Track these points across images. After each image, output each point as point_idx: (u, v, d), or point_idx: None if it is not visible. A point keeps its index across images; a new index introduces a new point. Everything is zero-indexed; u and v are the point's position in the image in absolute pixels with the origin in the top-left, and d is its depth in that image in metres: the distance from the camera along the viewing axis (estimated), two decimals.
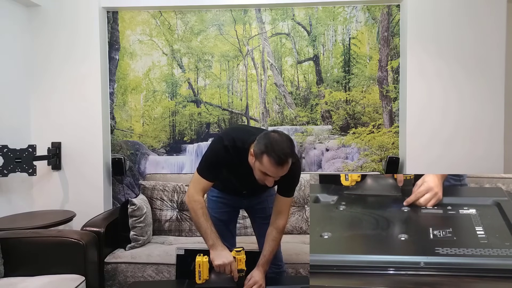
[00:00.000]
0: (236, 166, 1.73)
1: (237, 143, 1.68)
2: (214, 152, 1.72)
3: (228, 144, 1.68)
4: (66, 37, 3.03)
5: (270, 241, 1.79)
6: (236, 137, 1.70)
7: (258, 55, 3.18)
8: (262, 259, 1.78)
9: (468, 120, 2.99)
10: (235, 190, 1.96)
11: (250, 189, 1.92)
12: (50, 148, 3.01)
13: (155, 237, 2.75)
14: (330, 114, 3.19)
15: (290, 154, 1.54)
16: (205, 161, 1.74)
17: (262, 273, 1.74)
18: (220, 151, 1.69)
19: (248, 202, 2.04)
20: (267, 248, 1.79)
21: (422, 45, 2.97)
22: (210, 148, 1.75)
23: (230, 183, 1.92)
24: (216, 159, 1.72)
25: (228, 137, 1.70)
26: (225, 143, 1.68)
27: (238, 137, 1.70)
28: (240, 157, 1.68)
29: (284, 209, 1.81)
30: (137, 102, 3.23)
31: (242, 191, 1.95)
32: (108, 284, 2.37)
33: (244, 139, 1.67)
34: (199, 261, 1.67)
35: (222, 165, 1.73)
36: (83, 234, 2.20)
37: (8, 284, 1.93)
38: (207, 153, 1.74)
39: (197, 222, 1.73)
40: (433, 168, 2.95)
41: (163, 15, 3.17)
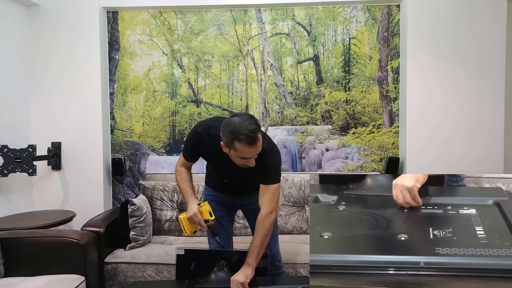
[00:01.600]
0: (212, 153, 1.79)
1: (211, 131, 1.75)
2: (189, 137, 1.86)
3: (201, 131, 1.79)
4: (66, 37, 3.03)
5: (255, 233, 1.76)
6: (211, 125, 1.77)
7: (258, 55, 3.18)
8: (248, 253, 1.73)
9: (468, 120, 2.99)
10: (222, 183, 1.98)
11: (235, 177, 1.91)
12: (50, 148, 3.01)
13: (155, 237, 2.75)
14: (330, 114, 3.19)
15: (256, 129, 1.57)
16: (185, 143, 1.94)
17: (247, 269, 1.69)
18: (194, 137, 1.82)
19: (241, 202, 2.05)
20: (253, 241, 1.75)
21: (422, 45, 2.97)
22: (188, 134, 1.90)
23: (215, 175, 1.99)
24: (190, 145, 1.86)
25: (203, 124, 1.82)
26: (199, 130, 1.80)
27: (212, 125, 1.76)
28: (215, 145, 1.72)
29: (266, 198, 1.76)
30: (137, 102, 3.23)
31: (223, 180, 1.96)
32: (108, 284, 2.37)
33: (218, 127, 1.68)
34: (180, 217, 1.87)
35: (196, 149, 1.85)
36: (83, 234, 2.20)
37: (8, 284, 1.94)
38: (187, 137, 1.95)
39: (178, 187, 1.98)
40: (433, 168, 2.95)
41: (163, 15, 3.17)
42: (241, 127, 1.55)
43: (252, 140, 1.56)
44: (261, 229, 1.74)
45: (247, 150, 1.59)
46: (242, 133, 1.55)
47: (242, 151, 1.59)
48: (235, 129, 1.56)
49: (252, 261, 1.71)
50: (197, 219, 1.80)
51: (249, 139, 1.55)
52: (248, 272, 1.70)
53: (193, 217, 1.80)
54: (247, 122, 1.57)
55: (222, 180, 1.97)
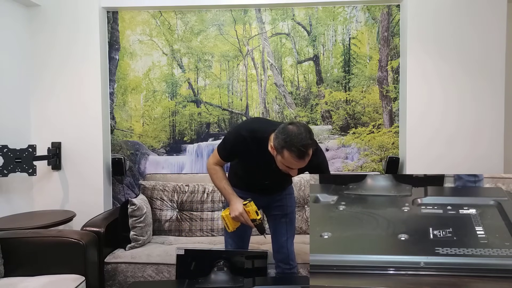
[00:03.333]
0: (255, 156, 1.77)
1: (256, 134, 1.73)
2: (231, 140, 1.81)
3: (245, 134, 1.75)
4: (66, 37, 3.03)
5: None
6: (256, 128, 1.75)
7: (258, 55, 3.18)
8: None
9: (468, 120, 2.99)
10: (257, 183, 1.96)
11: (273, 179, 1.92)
12: (50, 148, 3.01)
13: (155, 237, 2.75)
14: (330, 114, 3.19)
15: (310, 145, 1.57)
16: (223, 143, 1.86)
17: None
18: (237, 139, 1.78)
19: (268, 200, 2.04)
20: None
21: (422, 45, 2.97)
22: (228, 135, 1.85)
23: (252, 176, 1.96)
24: (232, 146, 1.81)
25: (247, 127, 1.78)
26: (243, 133, 1.75)
27: (257, 127, 1.75)
28: (260, 147, 1.72)
29: None
30: (137, 102, 3.23)
31: (265, 182, 1.94)
32: (108, 284, 2.37)
33: (263, 129, 1.72)
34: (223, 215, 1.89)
35: (236, 151, 1.82)
36: (83, 234, 2.20)
37: (8, 284, 1.93)
38: (226, 138, 1.86)
39: (215, 185, 1.93)
40: (433, 168, 2.95)
41: (163, 15, 3.17)
42: (296, 139, 1.55)
43: (301, 154, 1.56)
44: None
45: (294, 162, 1.60)
46: (295, 146, 1.54)
47: (289, 161, 1.60)
48: (289, 139, 1.55)
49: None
50: (243, 218, 1.81)
51: (300, 153, 1.55)
52: None
53: (239, 216, 1.81)
54: (303, 136, 1.56)
55: (263, 182, 1.94)
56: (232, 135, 1.82)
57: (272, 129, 1.68)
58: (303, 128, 1.59)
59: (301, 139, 1.55)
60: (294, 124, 1.61)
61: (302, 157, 1.57)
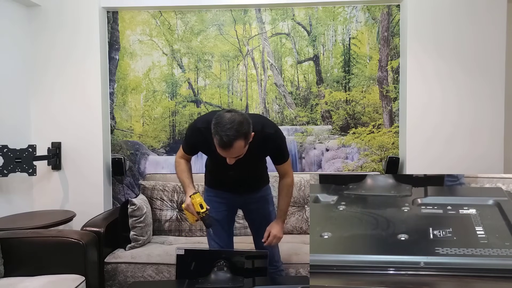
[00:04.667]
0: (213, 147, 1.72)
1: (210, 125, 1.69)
2: (188, 132, 1.91)
3: (200, 126, 1.80)
4: (66, 37, 3.03)
5: (284, 196, 1.98)
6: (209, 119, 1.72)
7: (258, 55, 3.18)
8: (279, 212, 1.97)
9: (468, 120, 2.99)
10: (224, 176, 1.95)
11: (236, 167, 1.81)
12: (50, 148, 3.01)
13: (155, 237, 2.75)
14: (330, 114, 3.19)
15: (234, 137, 1.53)
16: (185, 136, 1.97)
17: (280, 225, 1.96)
18: (193, 132, 1.85)
19: (243, 201, 2.05)
20: (282, 202, 1.98)
21: (422, 45, 2.97)
22: (188, 129, 1.94)
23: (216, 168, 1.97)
24: (189, 138, 1.90)
25: (202, 119, 1.83)
26: (198, 125, 1.82)
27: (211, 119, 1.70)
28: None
29: (287, 170, 1.96)
30: (137, 102, 3.23)
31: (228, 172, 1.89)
32: (108, 284, 2.37)
33: None
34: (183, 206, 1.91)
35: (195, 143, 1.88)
36: (83, 234, 2.20)
37: (8, 284, 1.94)
38: (186, 132, 1.96)
39: (177, 177, 1.99)
40: (433, 168, 2.95)
41: (163, 15, 3.17)
42: (223, 127, 1.54)
43: (224, 144, 1.54)
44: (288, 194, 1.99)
45: (220, 150, 1.60)
46: (219, 134, 1.54)
47: (218, 148, 1.60)
48: (217, 127, 1.56)
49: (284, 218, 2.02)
50: (190, 210, 1.85)
51: (222, 143, 1.54)
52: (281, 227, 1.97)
53: (187, 208, 1.85)
54: (230, 126, 1.53)
55: (227, 173, 1.91)
56: (190, 128, 1.90)
57: None
58: (237, 118, 1.55)
59: (226, 129, 1.52)
60: (231, 111, 1.59)
61: (223, 146, 1.55)
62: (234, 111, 1.60)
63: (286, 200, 1.99)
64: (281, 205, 1.99)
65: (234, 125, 1.54)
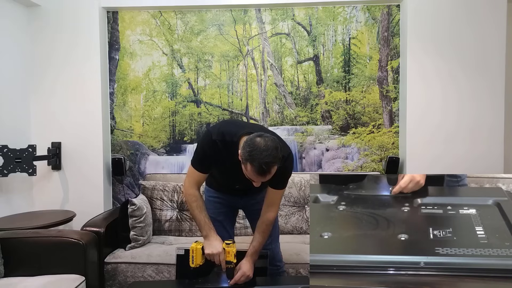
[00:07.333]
0: (225, 160, 1.72)
1: (226, 137, 1.69)
2: (203, 146, 1.75)
3: (216, 138, 1.69)
4: (66, 37, 3.03)
5: (261, 233, 1.82)
6: (225, 131, 1.70)
7: (258, 55, 3.18)
8: (251, 249, 1.81)
9: (468, 120, 2.99)
10: (229, 186, 1.95)
11: (243, 183, 1.82)
12: (50, 148, 3.01)
13: (155, 237, 2.75)
14: (330, 114, 3.19)
15: (272, 163, 1.52)
16: (196, 154, 1.78)
17: (250, 263, 1.78)
18: (208, 145, 1.71)
19: (244, 202, 2.03)
20: (256, 240, 1.82)
21: (422, 45, 2.97)
22: (200, 142, 1.78)
23: (223, 178, 1.93)
24: (204, 153, 1.74)
25: (217, 131, 1.72)
26: (214, 137, 1.70)
27: (227, 131, 1.70)
28: (229, 151, 1.68)
29: (275, 201, 1.84)
30: (137, 102, 3.23)
31: (235, 186, 1.91)
32: (108, 284, 2.37)
33: (233, 133, 1.68)
34: (193, 247, 1.74)
35: (211, 158, 1.75)
36: (83, 234, 2.20)
37: (8, 284, 1.94)
38: (198, 147, 1.79)
39: (192, 215, 1.82)
40: (433, 168, 2.95)
41: (163, 15, 3.17)
42: (259, 154, 1.50)
43: (262, 171, 1.52)
44: (265, 232, 1.83)
45: (255, 177, 1.57)
46: (257, 161, 1.50)
47: (250, 174, 1.56)
48: (253, 153, 1.50)
49: (255, 258, 1.80)
50: (219, 258, 1.72)
51: (261, 170, 1.51)
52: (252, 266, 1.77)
53: (215, 255, 1.71)
54: (267, 153, 1.50)
55: (233, 186, 1.91)
56: (204, 141, 1.75)
57: (242, 132, 1.65)
58: (271, 144, 1.52)
59: (265, 156, 1.49)
60: (263, 137, 1.54)
61: (262, 173, 1.52)
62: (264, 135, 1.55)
63: (261, 239, 1.82)
64: (254, 243, 1.81)
65: (272, 151, 1.51)
